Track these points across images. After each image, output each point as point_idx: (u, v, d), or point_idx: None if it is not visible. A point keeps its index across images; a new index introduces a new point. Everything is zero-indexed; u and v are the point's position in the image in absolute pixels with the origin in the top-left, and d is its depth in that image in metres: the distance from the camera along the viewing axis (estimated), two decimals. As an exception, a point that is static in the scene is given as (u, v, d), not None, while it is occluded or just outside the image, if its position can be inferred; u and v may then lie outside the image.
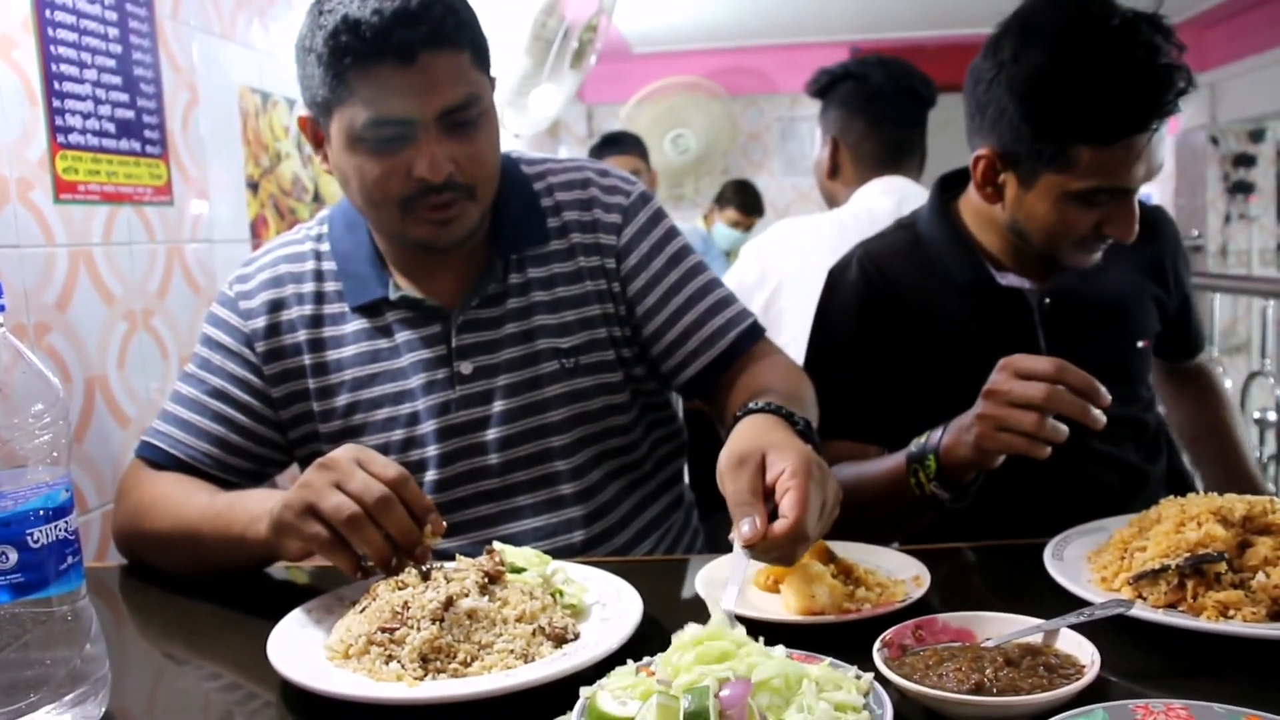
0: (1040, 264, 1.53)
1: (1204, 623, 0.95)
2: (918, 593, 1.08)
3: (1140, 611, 0.97)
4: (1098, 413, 1.15)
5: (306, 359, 1.43)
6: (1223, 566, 1.00)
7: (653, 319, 1.47)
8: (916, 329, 1.54)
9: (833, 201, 2.50)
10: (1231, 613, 0.96)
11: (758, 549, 1.00)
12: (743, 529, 1.00)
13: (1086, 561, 1.13)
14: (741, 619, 1.06)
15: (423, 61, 1.25)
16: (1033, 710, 0.81)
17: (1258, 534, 1.04)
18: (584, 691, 0.82)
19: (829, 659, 0.86)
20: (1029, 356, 1.20)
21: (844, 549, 1.18)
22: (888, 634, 0.93)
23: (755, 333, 1.49)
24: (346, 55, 1.24)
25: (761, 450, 1.06)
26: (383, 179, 1.30)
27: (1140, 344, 1.58)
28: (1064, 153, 1.37)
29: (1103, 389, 1.15)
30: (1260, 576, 0.99)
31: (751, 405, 1.21)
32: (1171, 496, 1.15)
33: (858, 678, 0.83)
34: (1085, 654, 0.88)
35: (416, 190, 1.30)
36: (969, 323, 1.53)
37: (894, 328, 1.55)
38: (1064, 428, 1.16)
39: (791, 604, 1.07)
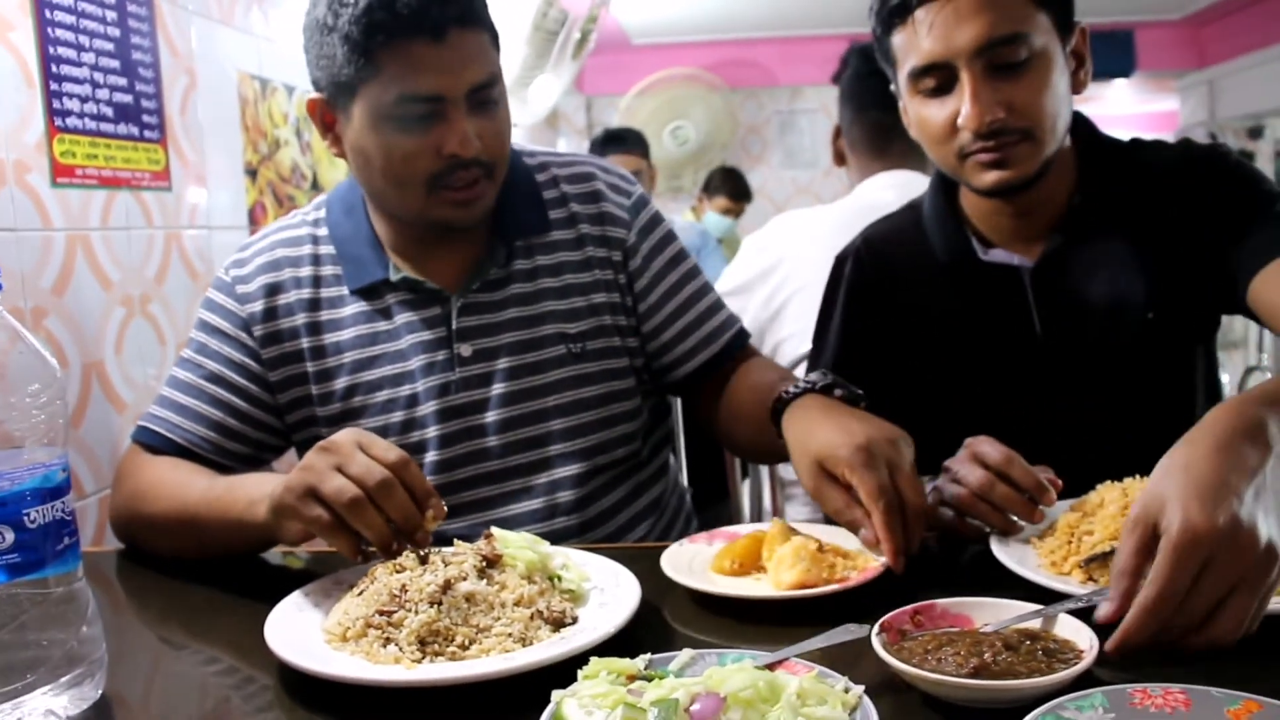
0: (1033, 236, 1.41)
1: None
2: (883, 558, 1.11)
3: None
4: (1040, 512, 1.13)
5: (305, 342, 1.43)
6: None
7: (654, 316, 1.51)
8: (911, 315, 1.49)
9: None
10: None
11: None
12: (863, 535, 1.12)
13: (1031, 546, 1.12)
14: (737, 599, 1.08)
15: (453, 39, 1.27)
16: (1033, 694, 0.80)
17: None
18: (555, 695, 0.81)
19: (819, 668, 0.84)
20: (985, 441, 1.16)
21: (803, 528, 1.20)
22: (886, 618, 0.93)
23: (745, 336, 1.57)
24: (379, 33, 1.26)
25: (819, 458, 1.15)
26: (411, 156, 1.31)
27: (1150, 315, 1.38)
28: (887, 43, 1.35)
29: (1051, 491, 1.13)
30: None
31: (785, 393, 1.27)
32: (1109, 481, 1.15)
33: (846, 690, 0.80)
34: (1083, 639, 0.88)
35: (444, 167, 1.31)
36: (961, 304, 1.45)
37: (888, 317, 1.51)
38: (1011, 521, 1.15)
39: (784, 580, 1.08)
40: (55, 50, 1.72)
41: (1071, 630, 0.90)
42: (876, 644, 0.88)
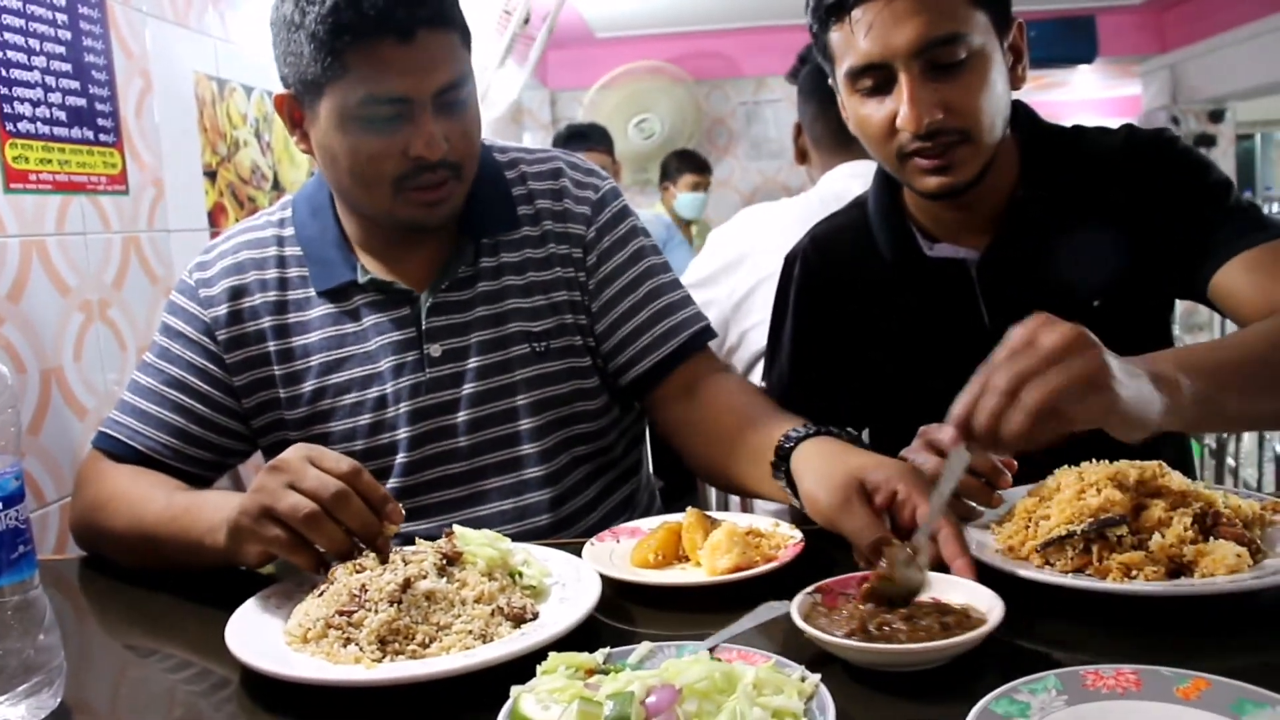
0: (977, 228, 1.40)
1: (1119, 585, 0.96)
2: (799, 534, 1.16)
3: (1084, 581, 0.98)
4: (997, 496, 1.14)
5: (271, 346, 1.42)
6: (1124, 529, 1.01)
7: (607, 314, 1.46)
8: (861, 312, 1.49)
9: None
10: (1134, 573, 0.98)
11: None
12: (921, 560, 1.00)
13: (991, 532, 1.14)
14: (683, 587, 1.10)
15: (421, 39, 1.25)
16: (908, 658, 0.85)
17: (1150, 497, 1.06)
18: (514, 690, 0.81)
19: (776, 658, 0.85)
20: (938, 429, 1.15)
21: (715, 515, 1.22)
22: (829, 581, 0.96)
23: (704, 338, 1.49)
24: (346, 32, 1.23)
25: (858, 473, 1.09)
26: (377, 157, 1.29)
27: (1095, 304, 1.37)
28: (825, 40, 1.32)
29: (1006, 474, 1.13)
30: (1156, 537, 1.00)
31: (794, 433, 1.22)
32: (1065, 465, 1.16)
33: (802, 679, 0.81)
34: (993, 614, 0.89)
35: (410, 169, 1.30)
36: (909, 299, 1.45)
37: (838, 315, 1.51)
38: (970, 507, 1.16)
39: (720, 565, 1.09)
40: (4, 54, 1.69)
41: (986, 606, 0.92)
42: (800, 601, 0.93)
